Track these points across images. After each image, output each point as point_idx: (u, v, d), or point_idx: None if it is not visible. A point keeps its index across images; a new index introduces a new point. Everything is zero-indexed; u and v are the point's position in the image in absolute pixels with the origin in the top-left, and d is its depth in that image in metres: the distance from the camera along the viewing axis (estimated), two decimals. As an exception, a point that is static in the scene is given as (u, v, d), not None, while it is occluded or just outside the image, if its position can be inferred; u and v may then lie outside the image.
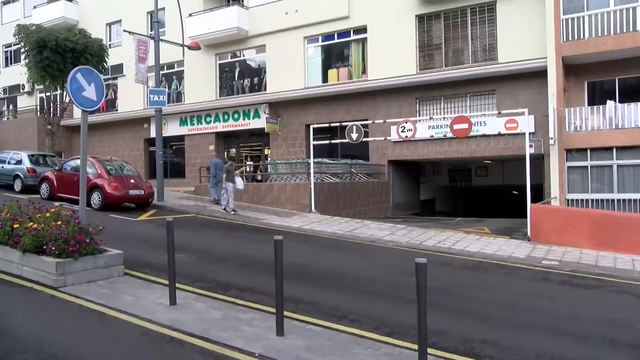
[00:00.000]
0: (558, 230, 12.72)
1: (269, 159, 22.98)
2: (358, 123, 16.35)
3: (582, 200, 16.02)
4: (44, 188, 16.02)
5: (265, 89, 23.37)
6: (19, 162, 18.17)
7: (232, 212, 15.07)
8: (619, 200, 15.50)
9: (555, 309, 7.35)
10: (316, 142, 17.23)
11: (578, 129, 16.27)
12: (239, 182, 15.53)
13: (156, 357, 4.95)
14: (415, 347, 4.88)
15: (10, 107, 33.31)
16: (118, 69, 27.47)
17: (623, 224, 12.30)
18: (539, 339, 5.98)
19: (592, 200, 15.88)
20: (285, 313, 5.81)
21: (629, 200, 15.37)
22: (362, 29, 20.95)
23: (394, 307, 6.98)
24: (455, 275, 9.41)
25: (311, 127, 17.65)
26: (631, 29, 15.27)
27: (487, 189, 28.11)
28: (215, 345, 5.21)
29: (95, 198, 14.65)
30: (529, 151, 13.59)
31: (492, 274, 9.57)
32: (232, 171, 15.49)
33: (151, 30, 21.57)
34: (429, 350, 4.97)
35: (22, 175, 17.67)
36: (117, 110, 28.64)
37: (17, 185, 17.72)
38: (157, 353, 5.04)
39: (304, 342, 5.39)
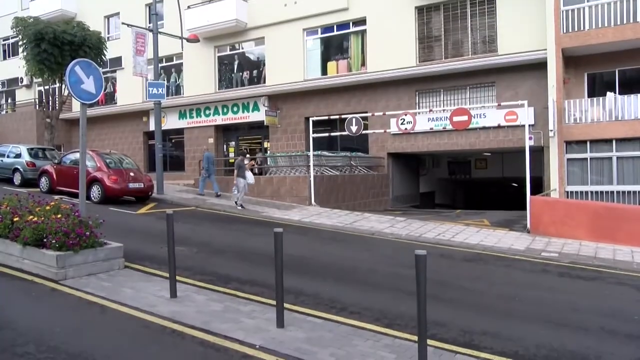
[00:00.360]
0: (557, 222, 12.74)
1: (268, 151, 22.97)
2: (357, 115, 16.32)
3: (581, 192, 16.03)
4: (44, 181, 16.01)
5: (264, 82, 23.31)
6: (18, 155, 18.15)
7: (239, 207, 14.99)
8: (618, 192, 15.51)
9: (555, 300, 7.37)
10: (315, 135, 17.20)
11: (578, 120, 16.25)
12: (250, 177, 15.40)
13: (157, 349, 4.97)
14: (415, 338, 4.90)
15: (9, 100, 33.24)
16: (117, 61, 27.38)
17: (622, 216, 12.32)
18: (539, 330, 6.00)
19: (592, 192, 15.89)
20: (286, 305, 5.84)
21: (629, 192, 15.38)
22: (362, 21, 20.86)
23: (394, 299, 7.00)
24: (455, 267, 9.43)
25: (310, 119, 17.63)
26: (631, 20, 15.21)
27: (486, 182, 28.14)
28: (216, 337, 5.23)
29: (95, 191, 14.65)
30: (528, 143, 13.59)
31: (492, 266, 9.60)
32: (243, 166, 15.31)
33: (149, 23, 21.47)
34: (429, 342, 4.99)
35: (21, 169, 17.65)
36: (116, 103, 28.59)
37: (17, 179, 17.71)
38: (158, 345, 5.06)
39: (304, 334, 5.41)
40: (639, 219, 12.03)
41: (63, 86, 20.28)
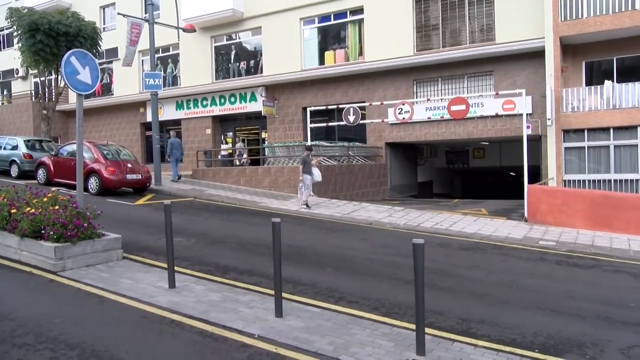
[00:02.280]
0: (555, 211, 12.77)
1: (266, 142, 22.94)
2: (355, 105, 16.28)
3: (579, 181, 16.07)
4: (41, 173, 15.97)
5: (261, 72, 23.21)
6: (15, 147, 18.09)
7: (305, 207, 13.85)
8: (615, 181, 15.55)
9: (552, 288, 7.41)
10: (313, 125, 17.17)
11: (575, 109, 16.24)
12: (317, 174, 14.29)
13: (156, 339, 4.99)
14: (413, 327, 4.94)
15: (5, 92, 33.05)
16: (113, 52, 27.19)
17: (619, 204, 12.34)
18: (536, 317, 6.04)
19: (589, 180, 15.93)
20: (284, 295, 5.86)
21: (626, 180, 15.42)
22: (359, 10, 20.72)
23: (392, 288, 7.03)
24: (453, 255, 9.46)
25: (308, 109, 17.60)
26: (630, 8, 15.14)
27: (484, 171, 28.18)
28: (215, 326, 5.25)
29: (93, 183, 14.62)
30: (526, 132, 13.57)
31: (490, 255, 9.63)
32: (309, 162, 14.09)
33: (145, 13, 21.31)
34: (427, 330, 5.03)
35: (18, 161, 17.60)
36: (112, 94, 28.44)
37: (14, 171, 17.67)
38: (157, 335, 5.08)
39: (303, 323, 5.44)
40: (636, 207, 12.05)
41: (59, 77, 20.16)
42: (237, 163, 22.24)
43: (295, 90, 22.24)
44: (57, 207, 7.53)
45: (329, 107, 18.53)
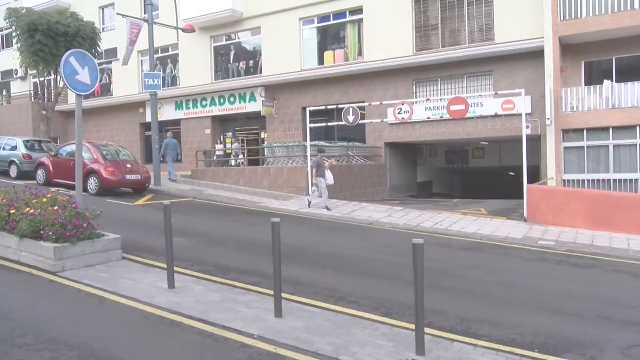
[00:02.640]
0: (554, 210, 12.77)
1: (265, 142, 22.93)
2: (354, 105, 16.26)
3: (578, 180, 16.07)
4: (40, 174, 15.96)
5: (260, 72, 23.20)
6: (14, 148, 18.07)
7: (325, 209, 13.82)
8: (614, 180, 15.55)
9: (552, 288, 7.41)
10: (312, 125, 17.15)
11: (575, 109, 16.25)
12: (329, 177, 14.13)
13: (156, 339, 4.98)
14: (413, 326, 4.93)
15: (4, 92, 33.02)
16: (112, 52, 27.17)
17: (619, 203, 12.34)
18: (535, 317, 6.04)
19: (589, 180, 15.93)
20: (284, 295, 5.86)
21: (625, 180, 15.42)
22: (358, 10, 20.72)
23: (392, 288, 7.03)
24: (453, 255, 9.46)
25: (307, 109, 17.56)
26: (629, 8, 15.14)
27: (484, 170, 28.16)
28: (214, 327, 5.25)
29: (92, 183, 14.61)
30: (525, 132, 13.57)
31: (489, 254, 9.63)
32: (323, 165, 14.04)
33: (144, 13, 21.30)
34: (426, 330, 5.03)
35: (17, 161, 17.58)
36: (111, 94, 28.42)
37: (13, 171, 17.65)
38: (157, 335, 5.08)
39: (303, 323, 5.43)
40: (635, 206, 12.06)
41: (58, 77, 20.14)
42: (233, 163, 22.21)
43: (295, 90, 22.23)
44: (56, 208, 7.51)
45: (329, 107, 18.51)
